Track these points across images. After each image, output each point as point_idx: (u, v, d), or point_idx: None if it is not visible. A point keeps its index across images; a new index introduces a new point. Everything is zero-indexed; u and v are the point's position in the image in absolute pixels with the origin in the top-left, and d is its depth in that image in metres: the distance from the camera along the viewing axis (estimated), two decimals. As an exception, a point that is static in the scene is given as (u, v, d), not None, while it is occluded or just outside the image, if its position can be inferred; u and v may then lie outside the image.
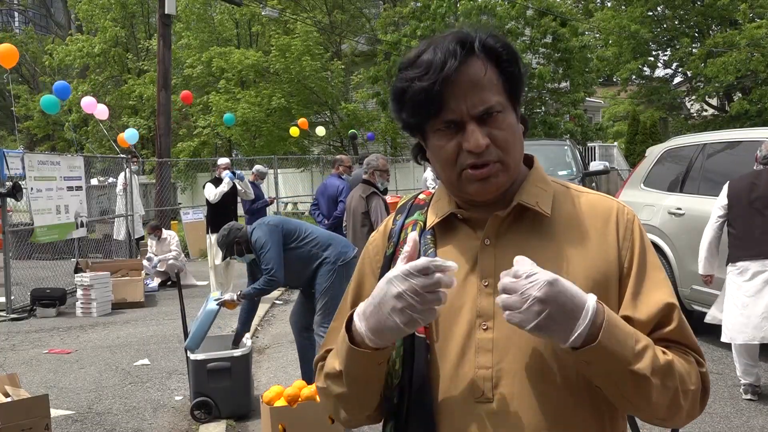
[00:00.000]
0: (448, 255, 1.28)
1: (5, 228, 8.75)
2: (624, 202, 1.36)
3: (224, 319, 7.86)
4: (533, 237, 1.26)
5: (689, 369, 1.21)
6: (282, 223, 5.10)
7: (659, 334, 1.22)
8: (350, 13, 29.00)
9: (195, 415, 4.78)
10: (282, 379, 5.73)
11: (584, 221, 1.28)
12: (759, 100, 24.63)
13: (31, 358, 6.59)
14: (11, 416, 3.90)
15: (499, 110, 1.22)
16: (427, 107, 1.21)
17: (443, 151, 1.23)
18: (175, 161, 19.61)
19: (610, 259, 1.25)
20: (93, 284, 8.47)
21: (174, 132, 21.23)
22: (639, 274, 1.25)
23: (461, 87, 1.20)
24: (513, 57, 1.25)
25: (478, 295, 1.23)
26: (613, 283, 1.24)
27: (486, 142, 1.20)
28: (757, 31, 23.71)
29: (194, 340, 4.86)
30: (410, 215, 1.38)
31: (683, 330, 1.24)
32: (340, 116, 24.91)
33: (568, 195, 1.33)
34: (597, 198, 1.33)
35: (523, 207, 1.26)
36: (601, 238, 1.27)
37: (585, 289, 1.17)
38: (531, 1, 20.65)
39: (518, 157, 1.28)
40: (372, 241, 1.44)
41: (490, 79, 1.22)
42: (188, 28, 27.10)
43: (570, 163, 11.32)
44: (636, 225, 1.29)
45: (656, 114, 28.27)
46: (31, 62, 34.11)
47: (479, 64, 1.22)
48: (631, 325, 1.19)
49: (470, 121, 1.20)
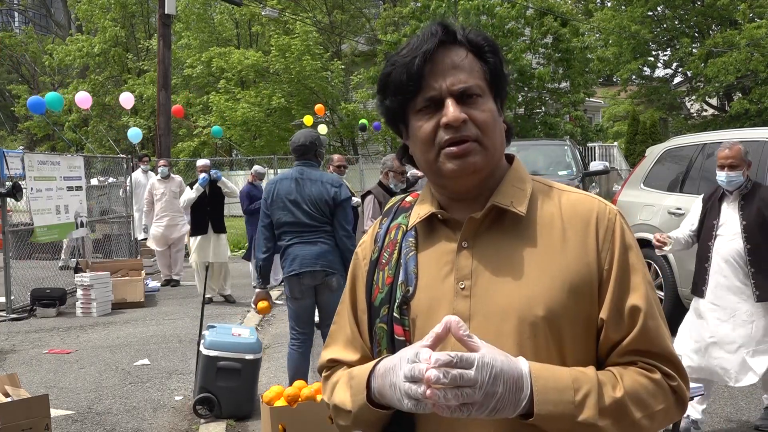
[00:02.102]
0: (428, 258, 1.28)
1: (5, 228, 8.74)
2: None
3: (228, 318, 7.89)
4: (511, 238, 1.24)
5: (654, 389, 1.18)
6: None
7: (622, 346, 1.20)
8: (350, 13, 29.02)
9: (197, 410, 4.78)
10: (282, 379, 5.73)
11: (563, 222, 1.25)
12: (759, 99, 24.65)
13: (31, 358, 6.59)
14: (11, 416, 3.90)
15: (478, 93, 1.23)
16: (407, 84, 1.22)
17: (422, 131, 1.24)
18: (175, 161, 19.63)
19: (589, 262, 1.22)
20: (93, 284, 8.47)
21: (174, 132, 21.24)
22: (618, 278, 1.22)
23: (441, 66, 1.22)
24: (494, 49, 1.27)
25: (455, 298, 1.23)
26: (593, 287, 1.21)
27: (464, 116, 1.20)
28: (757, 31, 23.72)
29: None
30: (396, 218, 1.38)
31: (646, 336, 1.20)
32: (340, 116, 24.90)
33: (549, 194, 1.30)
34: (579, 197, 1.29)
35: (500, 208, 1.25)
36: (581, 240, 1.23)
37: (562, 294, 1.19)
38: (531, 1, 20.66)
39: (497, 144, 1.26)
40: (361, 244, 1.44)
41: (471, 65, 1.24)
42: (188, 28, 27.14)
43: (570, 164, 11.34)
44: (618, 225, 1.25)
45: (656, 114, 28.29)
46: (31, 62, 34.12)
47: (461, 50, 1.24)
48: (609, 335, 1.20)
49: (449, 96, 1.21)
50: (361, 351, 1.37)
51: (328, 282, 4.65)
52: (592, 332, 1.22)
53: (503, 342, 1.17)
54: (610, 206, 1.30)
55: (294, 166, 4.85)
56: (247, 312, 8.42)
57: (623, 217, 1.29)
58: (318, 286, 4.67)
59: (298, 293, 4.68)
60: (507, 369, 1.07)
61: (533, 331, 1.18)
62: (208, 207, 8.96)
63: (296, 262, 4.62)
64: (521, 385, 1.08)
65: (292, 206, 4.63)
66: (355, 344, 1.38)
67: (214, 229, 8.98)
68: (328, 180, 4.72)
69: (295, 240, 4.65)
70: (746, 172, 4.22)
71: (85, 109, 14.02)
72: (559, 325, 1.18)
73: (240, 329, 5.14)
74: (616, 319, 1.20)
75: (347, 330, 1.39)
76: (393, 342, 1.26)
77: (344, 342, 1.40)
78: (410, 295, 1.26)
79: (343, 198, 4.68)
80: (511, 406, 1.08)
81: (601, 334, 1.21)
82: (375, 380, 1.21)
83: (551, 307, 1.18)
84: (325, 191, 4.64)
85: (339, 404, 1.30)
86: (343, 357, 1.39)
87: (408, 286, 1.27)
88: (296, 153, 4.83)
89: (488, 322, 1.20)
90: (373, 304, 1.32)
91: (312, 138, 4.84)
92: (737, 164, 4.16)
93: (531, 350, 1.17)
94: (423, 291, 1.26)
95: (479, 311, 1.21)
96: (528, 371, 1.10)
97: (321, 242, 4.63)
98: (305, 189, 4.64)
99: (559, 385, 1.12)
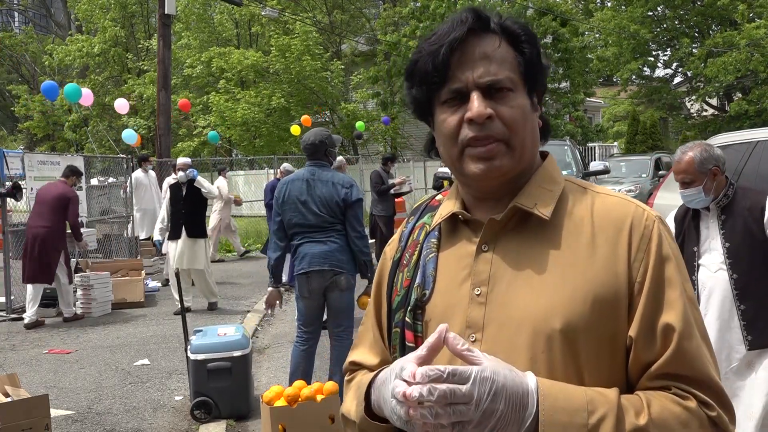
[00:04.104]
0: (448, 260, 1.21)
1: (5, 228, 8.75)
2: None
3: (226, 315, 7.90)
4: (534, 243, 1.15)
5: (687, 419, 1.04)
6: None
7: (653, 369, 1.08)
8: (350, 13, 29.02)
9: (195, 414, 4.78)
10: (282, 379, 5.73)
11: (594, 227, 1.14)
12: (758, 100, 24.68)
13: (31, 358, 6.60)
14: (11, 416, 3.90)
15: (509, 87, 1.14)
16: (433, 74, 1.14)
17: (445, 125, 1.16)
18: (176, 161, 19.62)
19: (618, 273, 1.10)
20: (93, 284, 8.48)
21: (174, 132, 21.26)
22: (651, 292, 1.09)
23: (470, 56, 1.13)
24: (531, 39, 1.18)
25: (469, 304, 1.15)
26: (621, 301, 1.09)
27: (489, 112, 1.11)
28: (756, 31, 23.75)
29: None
30: (421, 217, 1.31)
31: (681, 358, 1.07)
32: (340, 116, 24.91)
33: (582, 197, 1.19)
34: (614, 201, 1.17)
35: (524, 210, 1.15)
36: (611, 248, 1.11)
37: (583, 306, 1.08)
38: (531, 1, 20.67)
39: (528, 144, 1.16)
40: (390, 242, 1.38)
41: (502, 55, 1.15)
42: (188, 28, 27.15)
43: (570, 163, 11.37)
44: (655, 233, 1.13)
45: (656, 114, 28.33)
46: (31, 62, 34.13)
47: (494, 39, 1.15)
48: (638, 356, 1.08)
49: (475, 89, 1.12)
50: (381, 355, 1.31)
51: (337, 281, 4.64)
52: (619, 351, 1.10)
53: (516, 355, 1.08)
54: (649, 211, 1.17)
55: (306, 166, 4.83)
56: (247, 312, 8.42)
57: (664, 224, 1.17)
58: (327, 285, 4.67)
59: (306, 292, 4.68)
60: (510, 385, 0.98)
61: (548, 345, 1.08)
62: (183, 210, 8.23)
63: (305, 260, 4.63)
64: (526, 403, 0.99)
65: (303, 207, 4.62)
66: (377, 348, 1.32)
67: (189, 233, 8.18)
68: (338, 181, 4.68)
69: (306, 240, 4.65)
70: (713, 183, 3.22)
71: (86, 106, 14.02)
72: (577, 340, 1.08)
73: (225, 328, 5.12)
74: (647, 339, 1.08)
75: (371, 333, 1.35)
76: (404, 348, 1.20)
77: (368, 345, 1.35)
78: (426, 299, 1.20)
79: (354, 199, 4.64)
80: (513, 426, 0.98)
81: (630, 355, 1.10)
82: (374, 392, 1.16)
83: (570, 320, 1.08)
84: (335, 192, 4.61)
85: (345, 413, 1.25)
86: (365, 360, 1.33)
87: (425, 289, 1.21)
88: (307, 152, 4.79)
89: (502, 332, 1.11)
90: (391, 306, 1.27)
91: (323, 137, 4.79)
92: (692, 179, 3.21)
93: (545, 366, 1.08)
94: (439, 295, 1.19)
95: (494, 320, 1.12)
96: (535, 388, 1.01)
97: (331, 241, 4.62)
98: (316, 190, 4.63)
99: (571, 405, 1.01)
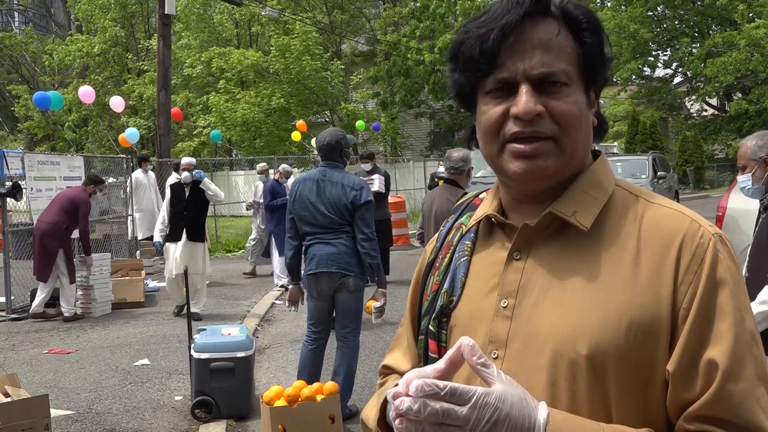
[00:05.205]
0: (480, 266, 1.11)
1: (5, 228, 8.75)
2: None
3: (229, 311, 7.89)
4: (571, 255, 1.02)
5: None
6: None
7: (691, 410, 0.94)
8: (350, 13, 29.05)
9: (195, 413, 4.78)
10: (282, 379, 5.73)
11: (640, 242, 1.00)
12: (758, 100, 24.69)
13: (31, 358, 6.60)
14: (11, 416, 3.90)
15: (564, 81, 1.00)
16: (479, 60, 1.00)
17: (487, 117, 1.03)
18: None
19: (661, 297, 0.96)
20: (93, 284, 8.48)
21: (174, 132, 21.25)
22: (697, 321, 0.94)
23: (523, 43, 1.00)
24: (595, 27, 1.03)
25: (494, 317, 1.04)
26: (661, 328, 0.95)
27: (539, 108, 0.99)
28: (756, 31, 23.76)
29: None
30: (460, 217, 1.21)
31: (724, 401, 0.92)
32: (340, 116, 24.92)
33: (631, 206, 1.04)
34: (667, 213, 1.02)
35: (563, 218, 1.03)
36: (656, 267, 0.97)
37: (617, 331, 0.95)
38: (531, 1, 20.67)
39: (580, 144, 1.03)
40: (432, 240, 1.28)
41: (560, 44, 1.01)
42: (188, 28, 27.16)
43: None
44: (710, 253, 0.97)
45: (656, 114, 28.35)
46: (31, 62, 34.14)
47: (552, 24, 1.01)
48: (676, 393, 0.95)
49: (524, 81, 1.00)
50: (413, 361, 1.21)
51: (345, 283, 4.63)
52: (656, 387, 0.96)
53: (536, 379, 0.98)
54: (707, 228, 1.01)
55: (319, 166, 4.82)
56: (247, 311, 8.43)
57: (724, 243, 1.00)
58: (336, 287, 4.66)
59: (315, 293, 4.69)
60: (516, 415, 0.86)
61: (572, 372, 0.96)
62: (185, 212, 8.03)
63: (314, 261, 4.64)
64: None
65: (312, 208, 4.62)
66: (411, 353, 1.23)
67: (189, 236, 7.99)
68: (348, 183, 4.64)
69: (315, 240, 4.66)
70: (763, 173, 3.11)
71: (86, 103, 14.07)
72: (605, 369, 0.95)
73: (230, 328, 5.13)
74: (687, 375, 0.94)
75: (404, 337, 1.27)
76: (427, 359, 1.11)
77: (403, 349, 1.26)
78: (452, 307, 1.10)
79: (363, 201, 4.60)
80: None
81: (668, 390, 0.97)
82: (389, 405, 1.09)
83: (599, 345, 0.95)
84: (344, 195, 4.58)
85: (364, 419, 1.16)
86: (397, 365, 1.25)
87: (452, 295, 1.11)
88: (321, 153, 4.77)
89: (526, 351, 1.00)
90: (420, 311, 1.18)
91: (338, 137, 4.75)
92: (744, 165, 3.21)
93: (566, 394, 0.96)
94: (466, 303, 1.09)
95: (518, 336, 1.01)
96: (544, 421, 0.88)
97: (340, 243, 4.60)
98: (325, 191, 4.61)
99: None
